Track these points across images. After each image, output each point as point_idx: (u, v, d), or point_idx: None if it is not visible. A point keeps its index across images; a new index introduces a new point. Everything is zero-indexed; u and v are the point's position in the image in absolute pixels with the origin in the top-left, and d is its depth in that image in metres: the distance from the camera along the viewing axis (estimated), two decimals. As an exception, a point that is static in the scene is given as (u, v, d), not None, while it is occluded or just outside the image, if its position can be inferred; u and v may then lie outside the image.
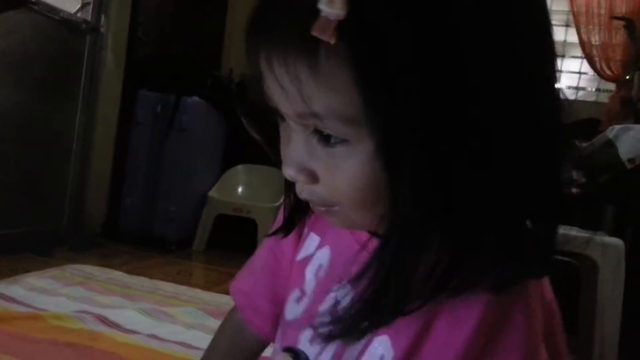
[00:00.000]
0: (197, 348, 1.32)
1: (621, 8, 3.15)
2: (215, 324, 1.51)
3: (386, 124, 0.36)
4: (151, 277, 2.04)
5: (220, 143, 3.21)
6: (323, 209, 0.44)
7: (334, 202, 0.42)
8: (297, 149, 0.42)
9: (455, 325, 0.41)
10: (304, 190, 0.44)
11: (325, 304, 0.48)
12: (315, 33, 0.34)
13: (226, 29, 3.77)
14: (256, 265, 0.61)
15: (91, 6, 2.76)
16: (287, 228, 0.52)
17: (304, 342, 0.49)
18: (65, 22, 2.58)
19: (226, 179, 3.20)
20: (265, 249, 0.60)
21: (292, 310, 0.52)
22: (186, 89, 2.88)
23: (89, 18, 2.74)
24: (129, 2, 2.91)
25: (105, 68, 2.83)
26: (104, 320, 1.43)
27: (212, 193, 3.07)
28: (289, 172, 0.43)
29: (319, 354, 0.47)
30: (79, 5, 2.73)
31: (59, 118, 2.67)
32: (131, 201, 2.91)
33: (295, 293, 0.52)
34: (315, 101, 0.37)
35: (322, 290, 0.49)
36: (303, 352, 0.47)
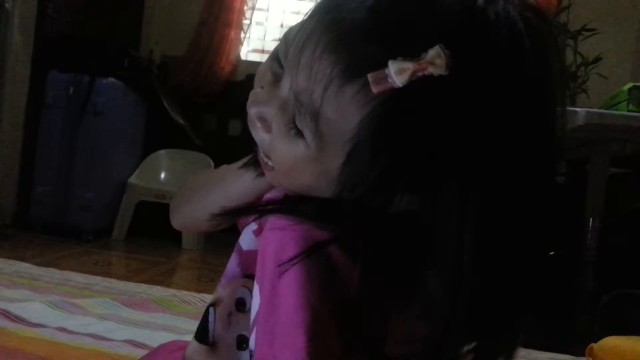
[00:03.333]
0: (110, 339, 1.26)
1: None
2: (129, 314, 1.46)
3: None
4: (67, 268, 1.94)
5: (140, 127, 3.09)
6: (264, 159, 0.50)
7: (272, 164, 0.49)
8: (271, 101, 0.48)
9: None
10: (257, 133, 0.49)
11: None
12: (369, 78, 0.40)
13: (145, 7, 3.61)
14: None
15: (-6, -20, 2.56)
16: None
17: None
18: (-37, -4, 2.38)
19: (147, 165, 3.08)
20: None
21: (248, 240, 0.55)
22: (101, 70, 2.74)
23: (-9, -8, 2.55)
24: (37, -23, 2.73)
25: (11, 47, 2.64)
26: (7, 315, 1.33)
27: (133, 179, 2.95)
28: (251, 110, 0.49)
29: None
30: (-21, -22, 2.53)
31: (-41, 100, 2.47)
32: (43, 189, 2.75)
33: (252, 225, 0.55)
34: (325, 105, 0.43)
35: None
36: None
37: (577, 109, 1.54)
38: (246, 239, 0.55)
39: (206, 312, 0.53)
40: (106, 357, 1.17)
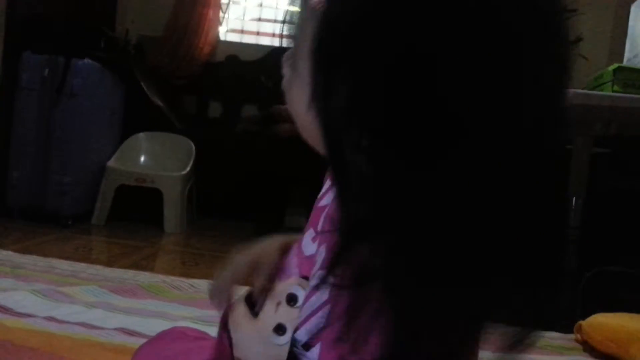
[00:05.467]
0: (100, 328, 1.24)
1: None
2: (119, 301, 1.44)
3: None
4: (47, 255, 1.90)
5: (118, 109, 3.02)
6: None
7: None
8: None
9: None
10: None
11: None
12: None
13: (120, -15, 3.52)
14: None
15: (-40, -44, 2.45)
16: None
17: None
18: None
19: (126, 148, 3.03)
20: None
21: (308, 246, 0.54)
22: (77, 51, 2.66)
23: (-43, -30, 2.44)
24: (6, -47, 2.62)
25: (-19, 27, 2.55)
26: (-8, 305, 1.30)
27: (112, 163, 2.89)
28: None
29: None
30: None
31: None
32: (19, 174, 2.68)
33: (310, 232, 0.54)
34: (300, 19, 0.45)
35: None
36: None
37: (563, 90, 1.55)
38: (307, 246, 0.54)
39: None
40: (98, 347, 1.15)
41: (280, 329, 0.53)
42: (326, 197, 0.57)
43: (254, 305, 0.56)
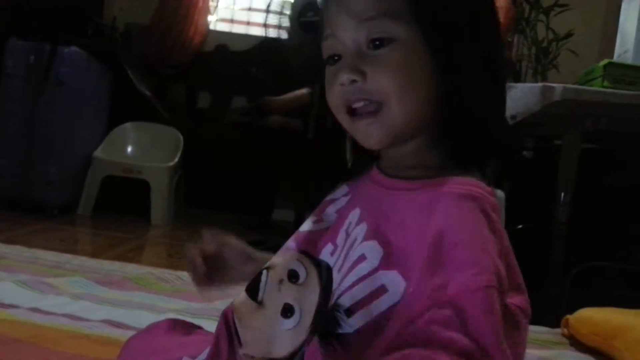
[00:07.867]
0: (87, 319, 1.22)
1: (505, -29, 3.26)
2: (105, 293, 1.42)
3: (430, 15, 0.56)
4: (31, 245, 1.87)
5: (105, 98, 2.98)
6: (370, 109, 0.57)
7: (379, 98, 0.56)
8: (350, 58, 0.57)
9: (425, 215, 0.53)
10: (354, 91, 0.57)
11: (344, 226, 0.62)
12: None
13: (108, -29, 3.46)
14: None
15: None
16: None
17: (326, 255, 0.61)
18: None
19: (113, 138, 2.99)
20: None
21: (306, 224, 0.66)
22: (63, 38, 2.62)
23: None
24: (-10, -63, 2.57)
25: (-36, 12, 2.50)
26: (-26, 296, 1.27)
27: (98, 153, 2.86)
28: (344, 75, 0.56)
29: (337, 264, 0.59)
30: None
31: None
32: (4, 164, 2.64)
33: (312, 217, 0.66)
34: (373, 6, 0.56)
35: (342, 217, 0.63)
36: (324, 262, 0.55)
37: (554, 85, 1.54)
38: (305, 224, 0.66)
39: (259, 273, 0.57)
40: (84, 338, 1.14)
41: (288, 311, 0.52)
42: (330, 194, 0.67)
43: (256, 295, 0.55)
